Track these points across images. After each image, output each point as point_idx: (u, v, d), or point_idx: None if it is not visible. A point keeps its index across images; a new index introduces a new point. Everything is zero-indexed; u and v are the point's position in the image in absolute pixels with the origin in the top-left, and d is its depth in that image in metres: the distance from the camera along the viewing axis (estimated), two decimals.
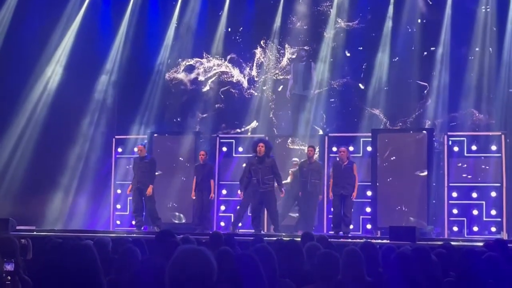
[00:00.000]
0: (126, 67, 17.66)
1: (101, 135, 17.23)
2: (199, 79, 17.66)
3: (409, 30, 16.49)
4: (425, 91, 16.29)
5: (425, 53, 16.35)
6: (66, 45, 17.29)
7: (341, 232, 13.67)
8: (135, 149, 15.48)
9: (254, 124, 17.03)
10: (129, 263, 5.33)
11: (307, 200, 14.51)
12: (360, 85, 16.73)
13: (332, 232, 13.96)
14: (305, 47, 16.83)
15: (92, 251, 4.30)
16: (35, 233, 13.48)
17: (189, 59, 17.76)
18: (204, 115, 17.46)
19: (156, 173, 14.97)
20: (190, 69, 17.75)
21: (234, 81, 17.51)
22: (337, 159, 14.19)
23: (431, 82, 16.24)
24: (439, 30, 16.22)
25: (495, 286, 5.79)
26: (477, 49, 15.93)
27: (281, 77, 17.24)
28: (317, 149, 15.17)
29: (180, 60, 17.76)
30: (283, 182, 14.39)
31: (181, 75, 17.75)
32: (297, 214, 15.02)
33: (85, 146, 17.02)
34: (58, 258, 4.36)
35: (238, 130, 17.05)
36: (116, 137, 17.06)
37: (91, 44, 17.65)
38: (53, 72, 17.13)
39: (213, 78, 17.62)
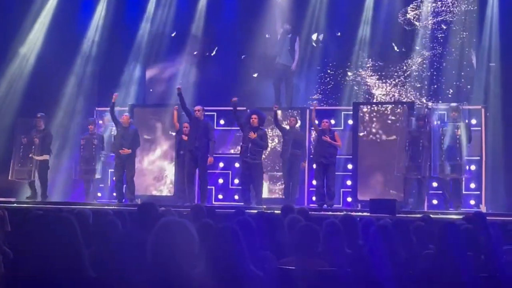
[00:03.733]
0: (107, 38, 17.52)
1: (82, 106, 17.11)
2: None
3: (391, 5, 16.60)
4: (407, 65, 16.40)
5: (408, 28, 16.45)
6: (46, 15, 17.12)
7: (325, 205, 13.74)
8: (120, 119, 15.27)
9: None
10: (109, 236, 5.32)
11: (290, 168, 14.50)
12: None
13: (315, 205, 14.01)
14: (288, 25, 16.65)
15: (72, 223, 4.30)
16: (15, 205, 13.43)
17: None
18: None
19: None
20: (172, 42, 17.66)
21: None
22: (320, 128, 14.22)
23: (413, 56, 16.33)
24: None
25: (473, 258, 5.86)
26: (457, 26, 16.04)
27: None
28: (298, 121, 15.14)
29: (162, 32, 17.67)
30: None
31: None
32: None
33: (65, 118, 16.89)
34: (39, 230, 4.35)
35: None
36: (97, 108, 16.96)
37: (72, 15, 17.49)
38: (33, 42, 16.96)
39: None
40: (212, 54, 17.55)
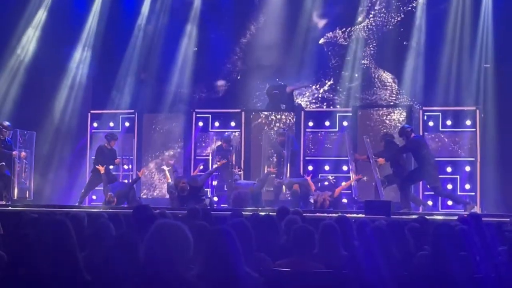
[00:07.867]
0: (102, 39, 17.48)
1: (77, 109, 17.08)
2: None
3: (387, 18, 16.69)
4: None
5: (405, 42, 16.45)
6: (41, 17, 17.08)
7: None
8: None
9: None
10: (102, 238, 5.31)
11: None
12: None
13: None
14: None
15: (67, 226, 4.30)
16: (10, 208, 13.39)
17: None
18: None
19: None
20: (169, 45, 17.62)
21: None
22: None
23: (407, 59, 16.36)
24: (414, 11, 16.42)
25: (468, 259, 5.86)
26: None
27: None
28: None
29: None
30: None
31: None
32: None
33: (60, 120, 16.88)
34: (34, 233, 4.34)
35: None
36: (92, 111, 16.92)
37: (66, 15, 17.45)
38: (27, 43, 16.93)
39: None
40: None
